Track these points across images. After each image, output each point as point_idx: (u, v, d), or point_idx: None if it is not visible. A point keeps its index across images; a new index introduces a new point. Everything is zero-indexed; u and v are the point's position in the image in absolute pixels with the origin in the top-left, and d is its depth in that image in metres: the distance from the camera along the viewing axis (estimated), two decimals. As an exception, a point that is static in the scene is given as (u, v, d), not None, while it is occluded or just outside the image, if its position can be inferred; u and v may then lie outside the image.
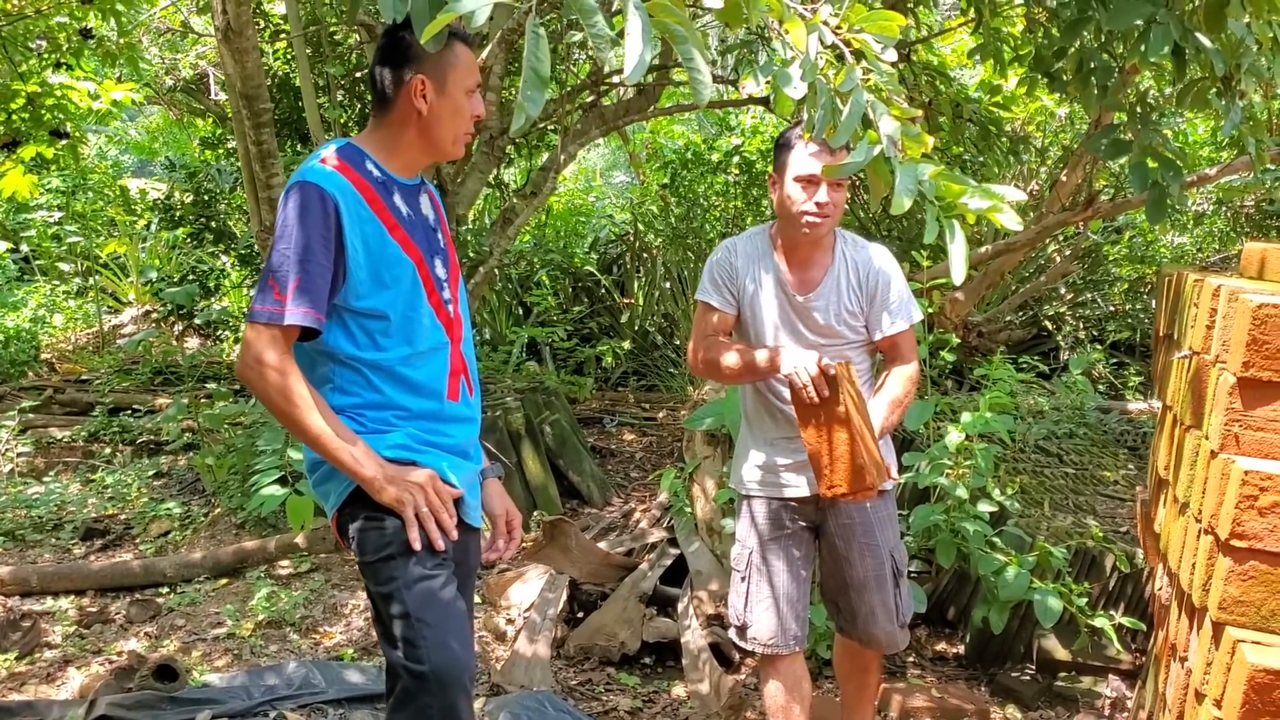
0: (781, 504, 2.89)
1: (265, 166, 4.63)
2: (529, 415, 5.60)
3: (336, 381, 2.18)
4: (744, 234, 2.97)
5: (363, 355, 2.16)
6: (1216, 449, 2.31)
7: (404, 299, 2.18)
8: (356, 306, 2.14)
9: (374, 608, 2.22)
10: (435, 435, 2.24)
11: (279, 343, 2.05)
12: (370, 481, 2.09)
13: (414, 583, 2.13)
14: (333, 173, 2.11)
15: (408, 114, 2.18)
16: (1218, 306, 2.43)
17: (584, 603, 4.29)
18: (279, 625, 4.10)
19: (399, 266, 2.17)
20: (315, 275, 2.05)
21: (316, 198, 2.07)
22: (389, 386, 2.18)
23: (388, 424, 2.18)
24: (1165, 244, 8.47)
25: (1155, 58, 3.25)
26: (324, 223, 2.06)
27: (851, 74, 2.20)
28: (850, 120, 2.17)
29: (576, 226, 9.78)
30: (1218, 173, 4.88)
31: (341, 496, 2.18)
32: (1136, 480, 4.83)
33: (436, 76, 2.15)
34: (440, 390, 2.25)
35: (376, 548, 2.14)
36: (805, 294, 2.80)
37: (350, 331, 2.16)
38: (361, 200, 2.12)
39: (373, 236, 2.13)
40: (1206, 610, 2.32)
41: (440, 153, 2.26)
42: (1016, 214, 2.17)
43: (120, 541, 5.06)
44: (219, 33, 4.39)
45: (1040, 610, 3.51)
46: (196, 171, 8.22)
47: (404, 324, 2.19)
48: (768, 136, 8.69)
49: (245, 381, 2.09)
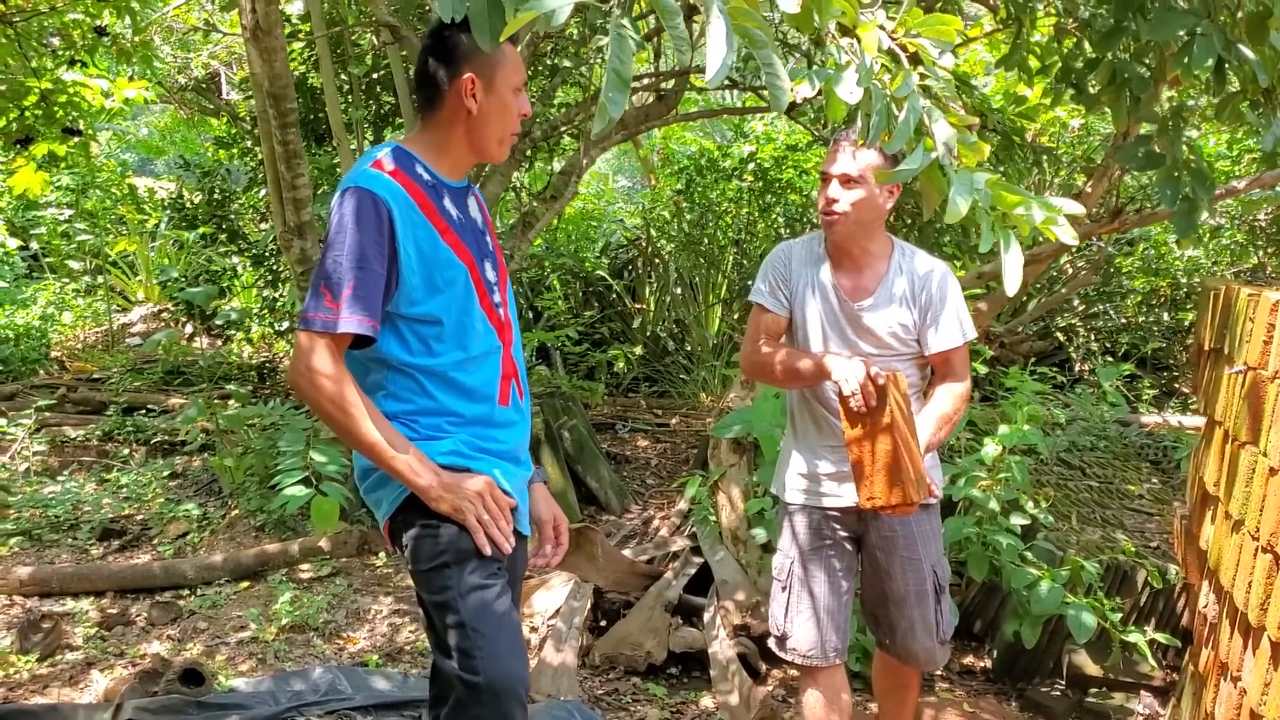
0: (823, 514, 2.86)
1: (291, 167, 4.60)
2: (548, 420, 5.57)
3: (389, 388, 2.15)
4: (802, 238, 2.94)
5: (416, 361, 2.13)
6: (1277, 466, 2.28)
7: (457, 303, 2.16)
8: (410, 313, 2.11)
9: (426, 616, 2.18)
10: (488, 441, 2.21)
11: (332, 350, 2.02)
12: (426, 490, 2.06)
13: (469, 592, 2.09)
14: (385, 177, 2.08)
15: (456, 113, 2.15)
16: (1276, 322, 2.41)
17: (608, 611, 4.25)
18: (302, 630, 4.06)
19: (452, 270, 2.14)
20: (370, 282, 2.02)
21: (370, 203, 2.04)
22: (442, 392, 2.15)
23: (441, 430, 2.15)
24: (1179, 257, 8.45)
25: (1198, 69, 3.22)
26: (378, 229, 2.03)
27: (908, 79, 2.17)
28: (905, 126, 2.14)
29: (588, 231, 9.76)
30: (1247, 186, 4.85)
31: (395, 504, 2.15)
32: (1162, 494, 4.81)
33: (485, 74, 2.13)
34: (493, 395, 2.22)
35: (431, 555, 2.11)
36: (858, 301, 2.77)
37: (404, 337, 2.13)
38: (414, 205, 2.10)
39: (425, 241, 2.10)
40: (1265, 629, 2.30)
41: (486, 153, 2.23)
42: (1072, 228, 2.14)
43: (138, 542, 5.02)
44: (247, 31, 4.35)
45: (1074, 625, 3.48)
46: (210, 171, 8.19)
47: (458, 328, 2.16)
48: (780, 144, 8.69)
49: (297, 390, 2.06)
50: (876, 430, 2.57)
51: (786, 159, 8.48)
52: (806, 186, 8.47)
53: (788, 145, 8.62)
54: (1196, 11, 3.29)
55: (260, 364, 8.03)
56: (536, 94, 6.57)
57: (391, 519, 2.18)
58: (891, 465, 2.54)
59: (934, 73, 2.23)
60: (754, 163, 8.49)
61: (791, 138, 8.74)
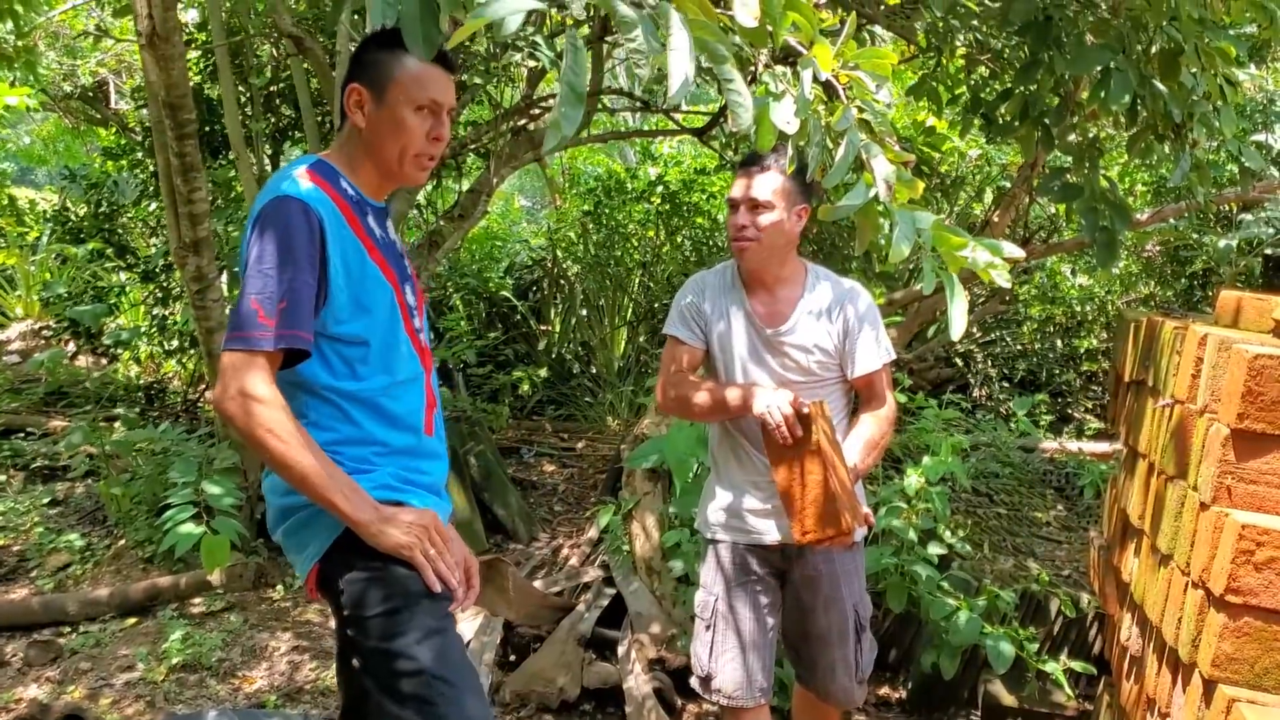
0: (748, 548, 2.79)
1: (187, 180, 4.38)
2: (454, 445, 5.41)
3: (311, 415, 1.99)
4: (714, 268, 2.87)
5: (340, 385, 1.99)
6: (1208, 501, 2.27)
7: (384, 325, 2.03)
8: (335, 332, 1.97)
9: (360, 663, 1.99)
10: (414, 473, 2.08)
11: (266, 371, 1.86)
12: (366, 525, 1.91)
13: (426, 637, 1.94)
14: (313, 187, 1.95)
15: (353, 129, 2.05)
16: (1204, 355, 2.40)
17: (518, 646, 4.11)
18: (195, 669, 3.84)
19: (379, 290, 2.02)
20: (304, 295, 1.88)
21: (301, 212, 1.90)
22: (368, 420, 2.01)
23: (368, 462, 2.01)
24: (1073, 285, 8.65)
25: (1115, 104, 3.26)
26: (309, 239, 1.90)
27: (847, 112, 2.12)
28: (844, 161, 2.09)
29: (492, 250, 9.60)
30: (1149, 219, 4.96)
31: (325, 545, 1.99)
32: (1068, 522, 4.87)
33: (375, 87, 2.01)
34: (418, 424, 2.10)
35: (380, 600, 1.95)
36: (775, 327, 2.71)
37: (327, 359, 1.99)
38: (342, 219, 1.97)
39: (353, 257, 1.97)
40: (1196, 666, 2.28)
41: (390, 173, 2.09)
42: (1006, 273, 2.11)
43: (14, 575, 4.71)
44: (142, 38, 4.14)
45: (993, 656, 3.47)
46: (98, 183, 7.82)
47: (384, 351, 2.03)
48: (686, 167, 8.68)
49: (226, 416, 1.88)
50: (805, 462, 2.50)
51: (695, 182, 8.47)
52: (714, 210, 8.47)
53: (695, 168, 8.61)
54: (1111, 47, 3.33)
55: (149, 385, 7.68)
56: (459, 110, 6.43)
57: (323, 562, 2.01)
58: (823, 497, 2.48)
59: (871, 107, 2.19)
60: (662, 185, 8.46)
61: (699, 161, 8.73)
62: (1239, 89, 3.57)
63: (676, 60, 1.45)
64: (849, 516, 2.47)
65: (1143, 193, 7.89)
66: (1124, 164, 7.35)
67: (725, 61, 1.57)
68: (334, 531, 1.96)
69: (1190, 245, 7.42)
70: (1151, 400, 2.75)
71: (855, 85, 2.17)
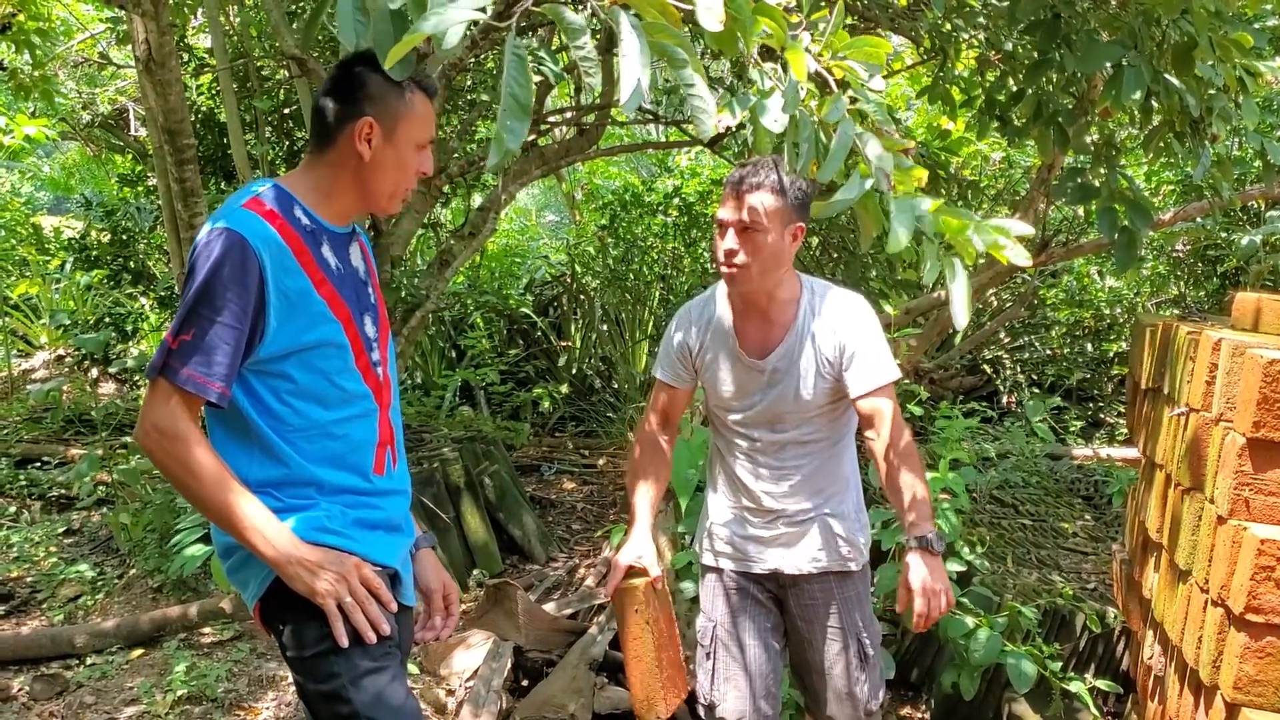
0: (744, 575, 2.70)
1: (188, 205, 4.34)
2: (468, 466, 5.34)
3: (244, 453, 1.92)
4: (701, 295, 2.73)
5: (276, 423, 1.92)
6: (1225, 514, 2.16)
7: (327, 360, 1.95)
8: (273, 369, 1.90)
9: (310, 709, 1.95)
10: (360, 509, 2.00)
11: (182, 407, 1.81)
12: (276, 564, 1.84)
13: (360, 678, 1.88)
14: (259, 220, 1.87)
15: (347, 157, 1.96)
16: (1219, 362, 2.29)
17: (529, 670, 4.03)
18: (199, 701, 3.78)
19: (325, 325, 1.94)
20: (227, 338, 1.81)
21: (239, 251, 1.82)
22: (306, 458, 1.94)
23: (306, 499, 1.93)
24: (1101, 288, 8.48)
25: (1128, 101, 3.14)
26: (243, 278, 1.82)
27: (838, 103, 2.01)
28: (837, 153, 1.98)
29: (511, 267, 9.56)
30: (1172, 218, 4.82)
31: (264, 584, 1.92)
32: (1095, 532, 4.72)
33: (387, 122, 1.94)
34: (364, 461, 2.01)
35: (315, 640, 1.89)
36: (763, 359, 2.56)
37: (260, 397, 1.91)
38: (288, 251, 1.88)
39: (296, 293, 1.89)
40: (1217, 689, 2.16)
41: (375, 205, 2.03)
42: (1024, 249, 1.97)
43: (25, 607, 4.68)
44: (139, 64, 4.12)
45: (1014, 675, 3.35)
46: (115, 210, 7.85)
47: (325, 387, 1.95)
48: (705, 178, 8.59)
49: (144, 450, 1.84)
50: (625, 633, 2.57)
51: (712, 193, 8.38)
52: (732, 221, 8.35)
53: (712, 179, 8.52)
54: (1123, 42, 3.22)
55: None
56: (455, 128, 6.38)
57: (263, 601, 1.95)
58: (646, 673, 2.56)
59: (865, 96, 2.08)
60: (679, 197, 8.38)
61: (716, 172, 8.64)
62: (1260, 80, 3.43)
63: (628, 67, 1.36)
64: (643, 704, 2.56)
65: (1169, 192, 7.72)
66: (1149, 163, 7.20)
67: (685, 65, 1.48)
68: (271, 571, 1.89)
69: (1219, 244, 7.25)
70: (1167, 408, 2.63)
71: (848, 75, 2.07)
